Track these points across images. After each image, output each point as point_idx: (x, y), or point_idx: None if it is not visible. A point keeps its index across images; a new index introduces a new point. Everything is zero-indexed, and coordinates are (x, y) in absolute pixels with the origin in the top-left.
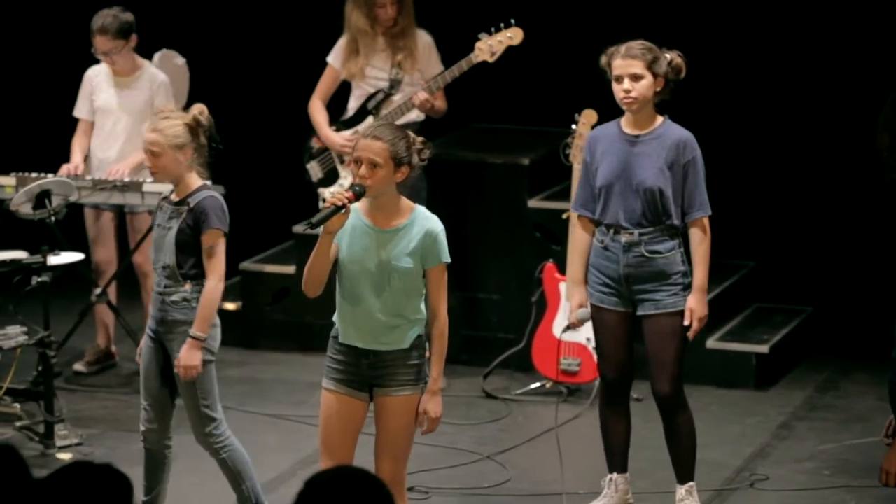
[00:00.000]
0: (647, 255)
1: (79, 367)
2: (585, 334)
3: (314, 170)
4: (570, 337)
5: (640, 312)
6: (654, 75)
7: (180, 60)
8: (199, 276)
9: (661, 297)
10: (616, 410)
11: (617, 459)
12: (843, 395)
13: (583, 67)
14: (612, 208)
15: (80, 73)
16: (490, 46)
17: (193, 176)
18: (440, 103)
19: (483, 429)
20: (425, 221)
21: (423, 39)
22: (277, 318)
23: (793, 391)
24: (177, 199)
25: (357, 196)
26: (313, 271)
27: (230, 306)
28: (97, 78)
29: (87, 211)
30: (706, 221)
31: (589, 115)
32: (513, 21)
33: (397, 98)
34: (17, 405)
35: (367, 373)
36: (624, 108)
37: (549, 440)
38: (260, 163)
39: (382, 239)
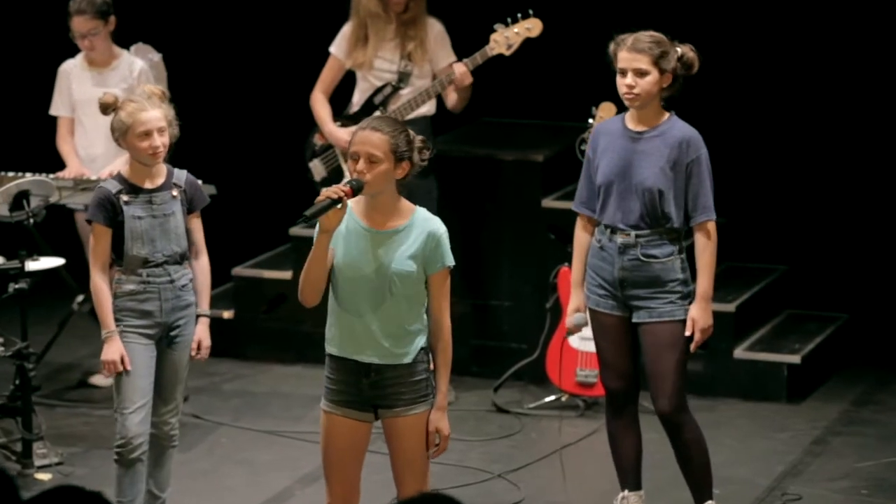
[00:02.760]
0: (642, 258)
1: (97, 380)
2: None
3: (317, 169)
4: (588, 347)
5: (634, 320)
6: (661, 71)
7: (156, 56)
8: (189, 255)
9: (657, 305)
10: (623, 423)
11: (628, 476)
12: (882, 408)
13: (600, 58)
14: (611, 208)
15: (55, 69)
16: (507, 38)
17: None
18: (453, 96)
19: (494, 445)
20: (427, 223)
21: (435, 28)
22: (273, 327)
23: (827, 404)
24: (153, 186)
25: (354, 191)
26: (311, 277)
27: (225, 314)
28: (73, 71)
29: (77, 214)
30: (711, 226)
31: (607, 109)
32: (531, 11)
33: (405, 92)
34: None
35: (368, 392)
36: (626, 103)
37: (565, 457)
38: (254, 161)
39: (380, 241)
